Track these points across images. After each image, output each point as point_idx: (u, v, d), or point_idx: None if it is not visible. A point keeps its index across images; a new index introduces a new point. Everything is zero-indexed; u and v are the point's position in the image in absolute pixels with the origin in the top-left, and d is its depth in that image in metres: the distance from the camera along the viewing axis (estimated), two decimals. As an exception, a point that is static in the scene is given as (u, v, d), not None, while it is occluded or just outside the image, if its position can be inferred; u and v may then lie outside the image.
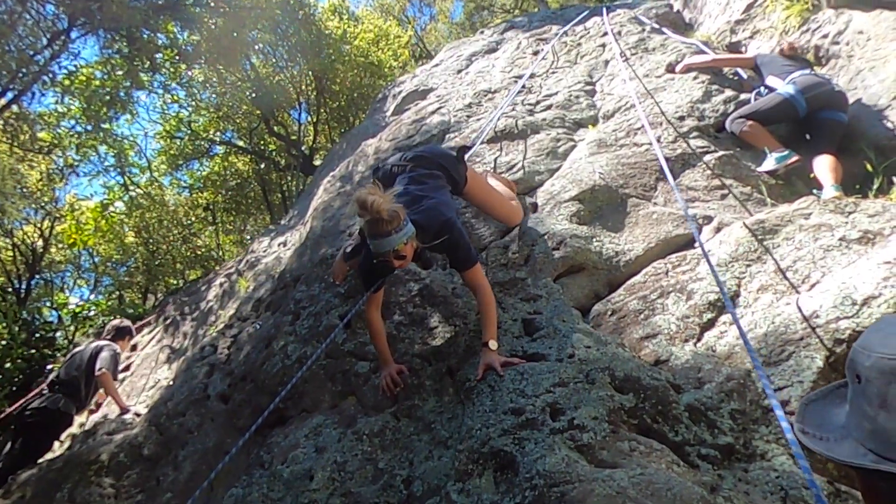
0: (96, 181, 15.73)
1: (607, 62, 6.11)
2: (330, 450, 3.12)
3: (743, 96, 4.80)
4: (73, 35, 9.54)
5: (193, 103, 13.88)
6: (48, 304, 14.80)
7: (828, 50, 4.88)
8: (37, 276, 14.87)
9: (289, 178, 15.29)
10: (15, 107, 9.67)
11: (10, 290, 13.58)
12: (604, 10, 7.20)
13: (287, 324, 4.30)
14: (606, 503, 1.90)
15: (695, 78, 5.10)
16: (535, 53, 6.84)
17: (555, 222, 3.85)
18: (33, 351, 9.80)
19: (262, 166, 14.85)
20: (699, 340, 2.84)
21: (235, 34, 10.90)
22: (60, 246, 14.92)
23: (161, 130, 14.45)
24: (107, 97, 10.72)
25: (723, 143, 4.43)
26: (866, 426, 0.88)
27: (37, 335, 10.41)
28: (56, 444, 5.64)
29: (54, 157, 12.85)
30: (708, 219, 3.67)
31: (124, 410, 5.54)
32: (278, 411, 3.53)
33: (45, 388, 5.66)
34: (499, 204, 3.90)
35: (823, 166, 3.85)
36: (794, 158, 4.00)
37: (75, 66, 10.44)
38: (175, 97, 13.56)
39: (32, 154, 12.13)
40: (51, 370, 9.03)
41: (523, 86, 5.92)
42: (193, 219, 14.55)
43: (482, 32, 8.99)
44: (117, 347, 5.96)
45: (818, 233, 3.02)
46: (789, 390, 2.38)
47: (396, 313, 3.74)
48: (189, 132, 14.46)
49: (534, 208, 4.20)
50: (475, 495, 2.29)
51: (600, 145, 4.57)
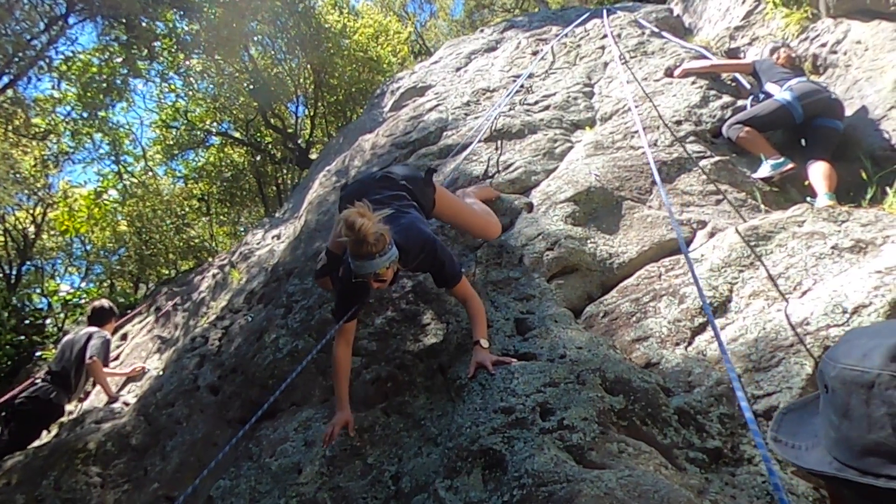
0: (90, 168, 15.66)
1: (606, 64, 6.11)
2: (319, 444, 3.12)
3: (740, 102, 4.82)
4: (71, 20, 9.50)
5: (190, 93, 13.80)
6: (38, 291, 14.70)
7: (825, 59, 4.90)
8: (28, 263, 14.76)
9: (284, 172, 15.25)
10: (10, 91, 9.60)
11: (1, 276, 13.50)
12: (604, 13, 7.19)
13: (279, 317, 4.30)
14: (594, 503, 1.91)
15: (693, 83, 5.12)
16: (535, 53, 6.84)
17: (550, 223, 3.85)
18: (22, 338, 9.74)
19: (258, 158, 14.79)
20: (690, 344, 2.86)
21: (235, 25, 10.85)
22: (52, 233, 14.81)
23: (157, 119, 14.40)
24: (103, 84, 10.66)
25: (719, 149, 4.45)
26: (832, 434, 0.90)
27: (26, 322, 10.35)
28: (44, 433, 5.62)
29: (49, 143, 12.75)
30: (702, 223, 3.69)
31: (112, 399, 5.52)
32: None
33: (39, 378, 5.65)
34: (471, 221, 3.80)
35: (818, 174, 3.88)
36: (790, 166, 4.02)
37: (72, 52, 10.39)
38: (172, 86, 13.48)
39: (27, 139, 12.05)
40: (40, 356, 8.99)
41: (522, 85, 5.92)
42: (187, 209, 14.48)
43: (482, 31, 8.97)
44: (107, 334, 5.95)
45: (811, 241, 3.03)
46: (778, 396, 2.40)
47: (389, 309, 3.74)
48: (185, 122, 14.38)
49: (529, 208, 4.21)
50: (463, 492, 2.29)
51: (597, 147, 4.57)
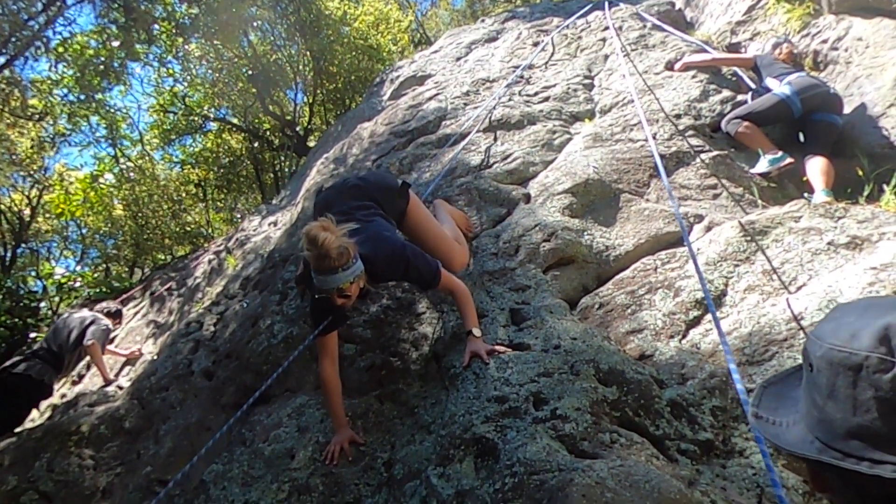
0: (87, 152, 15.64)
1: (607, 57, 6.09)
2: (312, 430, 3.13)
3: (740, 97, 4.81)
4: (69, 1, 9.41)
5: (189, 78, 13.71)
6: (33, 274, 14.68)
7: (826, 55, 4.89)
8: (23, 245, 14.71)
9: (282, 159, 15.19)
10: (7, 71, 9.54)
11: (-5, 258, 13.48)
12: (605, 5, 7.16)
13: (274, 303, 4.29)
14: (585, 492, 1.91)
15: (693, 76, 5.10)
16: (536, 44, 6.82)
17: (547, 214, 3.85)
18: (16, 320, 9.73)
19: (256, 145, 14.72)
20: (684, 337, 2.86)
21: (234, 9, 10.77)
22: (48, 215, 14.75)
23: (154, 104, 14.31)
24: (101, 67, 10.61)
25: (717, 143, 4.44)
26: (815, 414, 0.89)
27: (21, 304, 10.32)
28: (35, 413, 5.61)
29: (45, 125, 12.69)
30: (699, 217, 3.69)
31: (107, 382, 5.52)
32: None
33: (30, 353, 5.58)
34: (437, 244, 3.44)
35: (816, 169, 3.88)
36: (788, 161, 4.02)
37: (70, 34, 10.33)
38: (170, 71, 13.40)
39: (23, 121, 11.98)
40: (34, 339, 8.97)
41: (521, 76, 5.90)
42: (184, 195, 14.44)
43: (483, 21, 8.93)
44: (109, 323, 6.02)
45: (807, 236, 3.04)
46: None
47: (385, 297, 3.74)
48: (183, 107, 14.30)
49: (526, 199, 4.20)
50: (455, 480, 2.30)
51: (596, 139, 4.57)
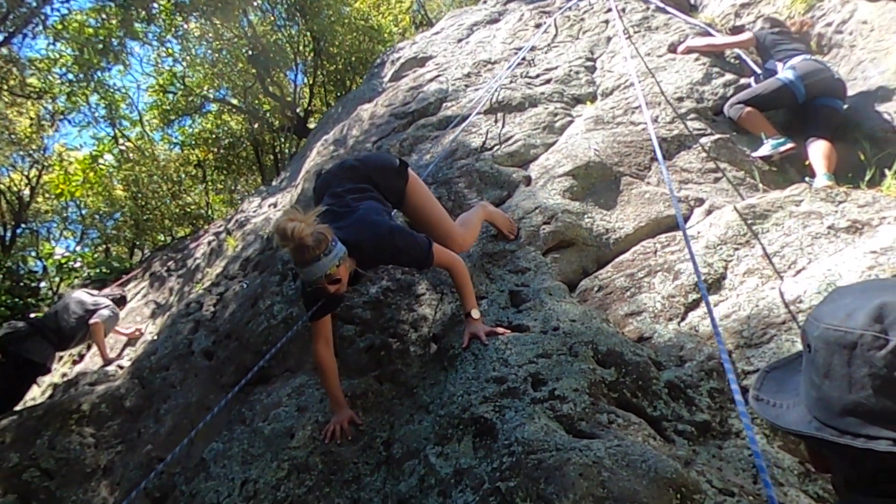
0: (86, 132, 15.51)
1: (609, 39, 6.04)
2: (311, 409, 3.15)
3: (743, 80, 4.78)
4: (67, -22, 9.32)
5: (188, 58, 13.61)
6: (33, 254, 14.68)
7: (831, 38, 4.85)
8: (23, 225, 14.70)
9: (282, 140, 15.12)
10: (4, 50, 9.47)
11: (-5, 238, 13.48)
12: (609, -14, 7.09)
13: (274, 284, 4.30)
14: (582, 472, 1.93)
15: (696, 59, 5.06)
16: (538, 26, 6.75)
17: (547, 196, 3.84)
18: (17, 300, 9.76)
19: (256, 126, 14.64)
20: (683, 320, 2.87)
21: (234, -12, 10.69)
22: (47, 195, 14.73)
23: (154, 84, 14.20)
24: (100, 46, 10.51)
25: (719, 127, 4.42)
26: (812, 394, 0.91)
27: (21, 284, 10.35)
28: (37, 391, 5.65)
29: (44, 104, 12.61)
30: (700, 201, 3.68)
31: (107, 362, 5.55)
32: (261, 369, 3.54)
33: (31, 325, 5.53)
34: (437, 223, 3.28)
35: (818, 153, 3.86)
36: (790, 145, 4.01)
37: (68, 10, 10.25)
38: (170, 50, 13.31)
39: (21, 100, 11.90)
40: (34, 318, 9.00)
41: (523, 58, 5.86)
42: (183, 175, 14.40)
43: (485, 2, 8.83)
44: (118, 310, 6.22)
45: (807, 220, 3.03)
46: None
47: (384, 279, 3.74)
48: (182, 87, 14.20)
49: (527, 182, 4.19)
50: (454, 459, 2.32)
51: (597, 122, 4.54)
